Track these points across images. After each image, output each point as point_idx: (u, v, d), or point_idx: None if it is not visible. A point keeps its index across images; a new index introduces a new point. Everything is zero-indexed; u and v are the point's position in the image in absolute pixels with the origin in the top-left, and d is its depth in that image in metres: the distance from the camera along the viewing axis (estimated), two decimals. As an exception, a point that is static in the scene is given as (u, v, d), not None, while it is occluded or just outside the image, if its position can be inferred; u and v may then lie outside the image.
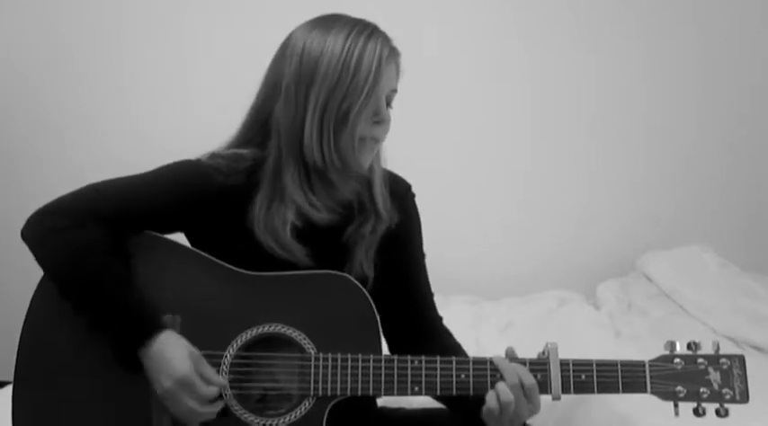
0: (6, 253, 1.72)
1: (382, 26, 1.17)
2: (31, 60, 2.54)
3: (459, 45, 2.48)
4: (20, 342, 1.12)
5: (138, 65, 2.51)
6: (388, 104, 1.17)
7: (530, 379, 1.09)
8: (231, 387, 1.10)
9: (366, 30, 1.13)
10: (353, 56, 1.10)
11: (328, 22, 1.14)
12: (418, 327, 1.30)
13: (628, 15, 2.46)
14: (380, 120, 1.15)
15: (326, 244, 1.19)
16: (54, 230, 1.08)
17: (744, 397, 1.11)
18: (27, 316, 1.12)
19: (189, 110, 2.39)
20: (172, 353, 1.05)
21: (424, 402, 1.38)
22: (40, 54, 2.53)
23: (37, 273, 1.13)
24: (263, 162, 1.17)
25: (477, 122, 2.51)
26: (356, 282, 1.14)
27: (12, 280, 1.91)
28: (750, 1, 2.45)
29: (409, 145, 2.17)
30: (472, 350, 1.30)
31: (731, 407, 1.10)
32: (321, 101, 1.10)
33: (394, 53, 1.15)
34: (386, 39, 1.15)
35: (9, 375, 1.13)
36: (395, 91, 1.18)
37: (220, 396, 1.08)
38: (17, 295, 1.22)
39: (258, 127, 1.18)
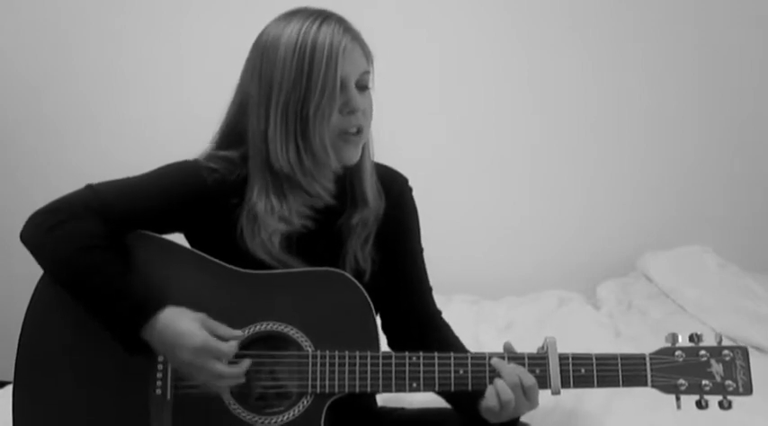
0: (6, 254, 1.72)
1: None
2: (31, 60, 2.53)
3: (459, 46, 2.48)
4: (19, 343, 1.12)
5: (138, 65, 2.51)
6: (365, 87, 1.15)
7: (529, 380, 1.08)
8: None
9: (317, 21, 1.10)
10: (306, 53, 1.07)
11: (285, 20, 1.12)
12: (417, 321, 1.30)
13: (627, 15, 2.45)
14: (352, 110, 1.12)
15: (320, 244, 1.19)
16: (51, 228, 1.08)
17: (747, 389, 1.09)
18: (26, 316, 1.12)
19: (189, 111, 2.38)
20: (181, 325, 1.04)
21: (424, 401, 1.38)
22: (40, 54, 2.52)
23: (36, 273, 1.13)
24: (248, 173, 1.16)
25: (477, 122, 2.50)
26: (353, 279, 1.14)
27: (12, 280, 1.91)
28: (750, 1, 2.45)
29: (410, 145, 2.18)
30: (472, 349, 1.29)
31: (735, 400, 1.09)
32: (282, 105, 1.09)
33: (351, 35, 1.11)
34: (340, 22, 1.11)
35: (9, 375, 1.13)
36: (366, 72, 1.15)
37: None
38: (17, 295, 1.22)
39: (234, 139, 1.17)
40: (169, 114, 2.48)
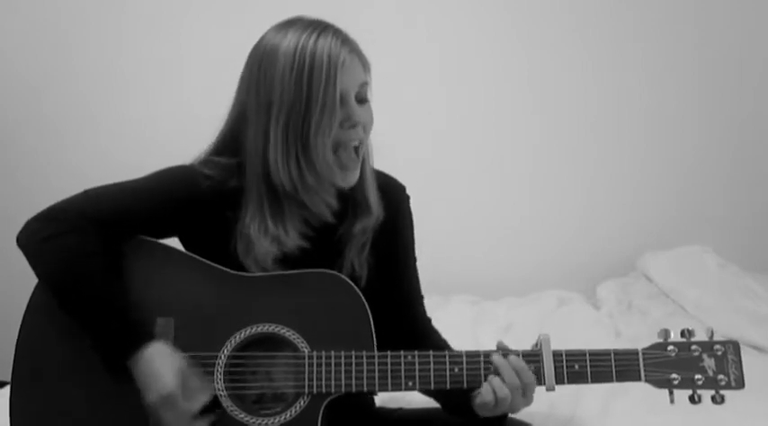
0: (5, 254, 1.72)
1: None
2: (31, 60, 2.54)
3: (459, 46, 2.48)
4: (17, 343, 1.12)
5: (138, 65, 2.51)
6: (364, 100, 1.14)
7: (528, 377, 1.08)
8: (226, 388, 1.10)
9: (314, 33, 1.08)
10: (304, 68, 1.06)
11: (282, 31, 1.10)
12: (408, 328, 1.29)
13: (627, 15, 2.46)
14: (354, 124, 1.11)
15: (316, 257, 1.18)
16: (47, 238, 1.08)
17: (739, 383, 1.10)
18: (25, 317, 1.12)
19: (189, 111, 2.39)
20: (159, 368, 1.04)
21: (422, 402, 1.38)
22: (40, 54, 2.53)
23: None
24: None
25: (477, 122, 2.51)
26: (348, 280, 1.14)
27: (11, 280, 1.91)
28: (750, 1, 2.45)
29: (410, 145, 2.18)
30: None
31: (734, 401, 1.09)
32: (282, 122, 1.08)
33: (348, 47, 1.10)
34: (336, 33, 1.10)
35: (7, 375, 1.13)
36: (365, 83, 1.13)
37: (212, 409, 1.08)
38: (16, 295, 1.22)
39: (232, 146, 1.17)
40: (169, 114, 2.48)
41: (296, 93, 1.06)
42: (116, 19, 2.49)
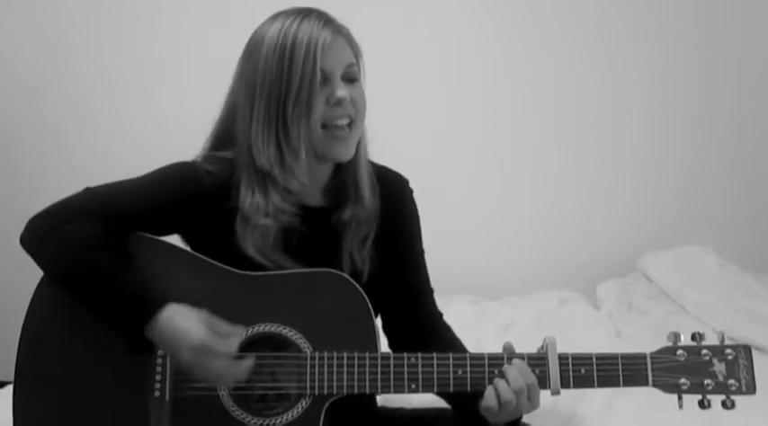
0: (6, 253, 1.72)
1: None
2: (31, 60, 2.53)
3: (459, 46, 2.48)
4: (20, 342, 1.12)
5: (138, 65, 2.51)
6: (353, 79, 1.15)
7: (531, 377, 1.08)
8: (228, 388, 1.09)
9: (297, 18, 1.11)
10: (286, 50, 1.09)
11: (270, 21, 1.14)
12: (418, 322, 1.30)
13: (627, 15, 2.46)
14: (339, 101, 1.12)
15: (315, 245, 1.19)
16: (48, 231, 1.09)
17: (750, 388, 1.09)
18: (27, 316, 1.12)
19: (189, 111, 2.38)
20: (183, 323, 1.04)
21: (423, 401, 1.38)
22: (40, 54, 2.52)
23: (37, 273, 1.13)
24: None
25: (477, 122, 2.50)
26: (351, 280, 1.13)
27: (12, 280, 1.91)
28: (750, 1, 2.45)
29: (409, 145, 2.17)
30: (473, 349, 1.29)
31: (738, 399, 1.08)
32: (264, 103, 1.10)
33: (332, 28, 1.12)
34: (320, 16, 1.12)
35: (9, 375, 1.13)
36: (353, 64, 1.15)
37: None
38: (17, 295, 1.22)
39: (227, 141, 1.18)
40: (169, 114, 2.48)
41: (276, 75, 1.09)
42: (116, 19, 2.49)
